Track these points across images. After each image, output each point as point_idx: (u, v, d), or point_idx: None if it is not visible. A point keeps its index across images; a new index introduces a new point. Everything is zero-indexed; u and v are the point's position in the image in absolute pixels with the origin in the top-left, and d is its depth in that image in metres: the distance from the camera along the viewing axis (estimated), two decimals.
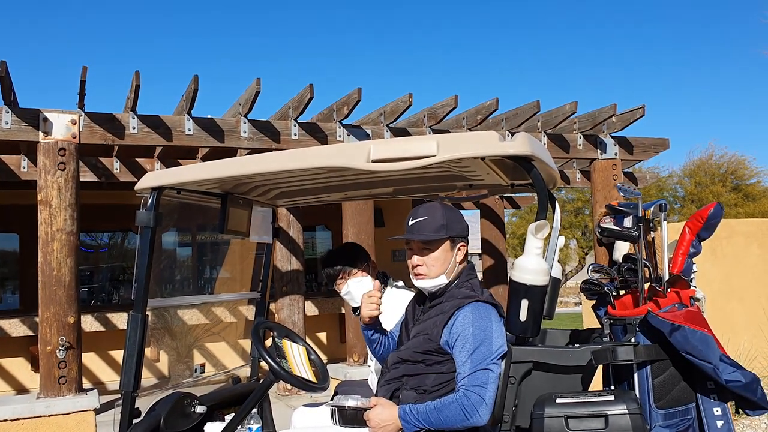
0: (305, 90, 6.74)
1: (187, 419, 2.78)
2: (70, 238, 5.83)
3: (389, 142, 2.46)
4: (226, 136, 6.79)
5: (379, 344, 2.93)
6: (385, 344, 2.93)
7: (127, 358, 2.65)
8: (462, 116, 7.92)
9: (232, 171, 2.66)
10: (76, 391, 5.79)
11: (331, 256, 3.45)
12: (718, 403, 2.49)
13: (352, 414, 2.48)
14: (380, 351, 2.94)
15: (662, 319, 2.44)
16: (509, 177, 2.91)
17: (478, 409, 2.32)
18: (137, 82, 6.09)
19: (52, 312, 5.73)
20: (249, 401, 2.81)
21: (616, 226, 2.89)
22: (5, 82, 5.65)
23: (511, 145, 2.30)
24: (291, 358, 2.92)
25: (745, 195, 22.85)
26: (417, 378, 2.53)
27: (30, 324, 8.26)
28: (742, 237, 7.87)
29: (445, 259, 2.58)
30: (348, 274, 3.36)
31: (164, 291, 10.22)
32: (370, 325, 2.88)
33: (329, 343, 10.43)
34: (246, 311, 9.52)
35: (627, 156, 8.72)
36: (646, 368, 2.48)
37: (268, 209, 3.46)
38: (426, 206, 2.63)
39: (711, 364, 2.37)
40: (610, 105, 8.03)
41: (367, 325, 2.87)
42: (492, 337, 2.42)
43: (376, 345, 2.93)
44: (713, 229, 2.86)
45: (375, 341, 2.92)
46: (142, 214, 2.73)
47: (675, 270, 2.79)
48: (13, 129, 5.87)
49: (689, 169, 24.36)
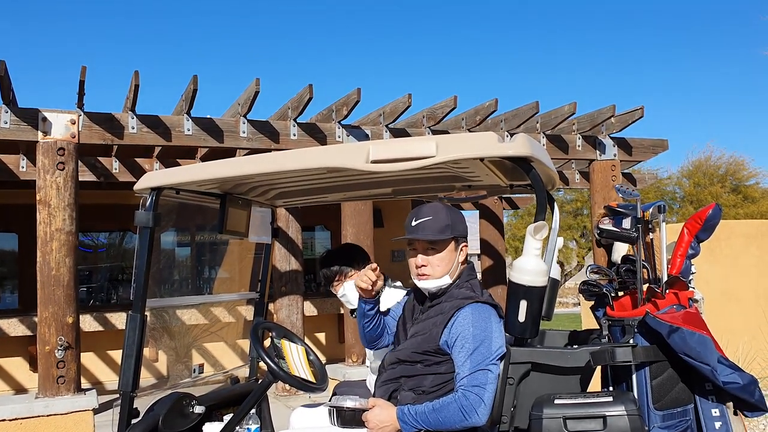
0: (304, 90, 6.74)
1: (185, 419, 2.78)
2: (69, 237, 5.83)
3: (388, 142, 2.46)
4: (225, 137, 6.79)
5: (371, 321, 2.86)
6: (377, 323, 2.87)
7: (125, 358, 2.65)
8: (461, 117, 7.92)
9: (231, 171, 2.66)
10: (75, 391, 5.79)
11: (329, 256, 3.41)
12: (716, 405, 2.49)
13: (351, 415, 2.48)
14: (369, 328, 2.87)
15: (660, 321, 2.44)
16: (508, 178, 2.91)
17: (477, 409, 2.32)
18: (136, 82, 6.09)
19: (50, 312, 5.73)
20: (247, 401, 2.81)
21: (615, 228, 2.89)
22: (4, 81, 5.64)
23: (510, 146, 2.31)
24: (289, 359, 2.92)
25: (744, 196, 22.86)
26: (415, 379, 2.53)
27: (29, 324, 8.25)
28: (741, 238, 7.88)
29: (449, 259, 2.58)
30: (345, 275, 3.31)
31: (163, 291, 10.22)
32: (369, 300, 2.82)
33: (328, 344, 10.42)
34: (245, 311, 9.52)
35: (626, 157, 8.72)
36: (644, 369, 2.49)
37: (267, 209, 3.46)
38: (429, 206, 2.61)
39: (709, 366, 2.38)
40: (609, 106, 8.03)
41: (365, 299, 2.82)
42: (491, 338, 2.42)
43: (368, 321, 2.86)
44: (712, 231, 2.87)
45: (369, 317, 2.85)
46: (141, 215, 2.73)
47: (673, 271, 2.80)
48: (12, 128, 5.87)
49: (688, 170, 24.39)
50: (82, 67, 5.78)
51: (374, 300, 2.85)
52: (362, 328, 2.91)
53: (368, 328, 2.89)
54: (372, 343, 2.94)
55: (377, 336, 2.91)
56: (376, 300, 2.86)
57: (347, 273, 3.31)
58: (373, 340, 2.93)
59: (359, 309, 2.87)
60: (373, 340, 2.92)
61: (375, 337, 2.91)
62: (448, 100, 7.37)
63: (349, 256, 3.36)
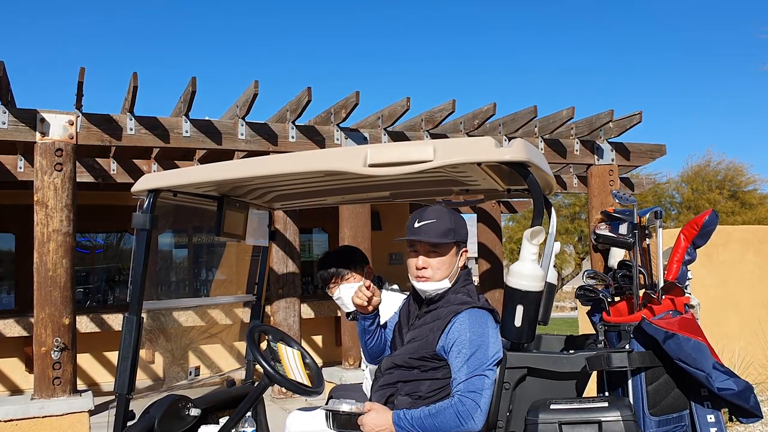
0: (303, 93, 6.75)
1: (181, 422, 2.77)
2: (66, 239, 5.82)
3: (386, 146, 2.47)
4: (223, 138, 6.79)
5: (373, 337, 2.81)
6: (378, 338, 2.82)
7: (121, 361, 2.65)
8: (459, 121, 7.93)
9: (229, 174, 2.65)
10: (71, 392, 5.79)
11: (326, 258, 3.39)
12: (711, 411, 2.50)
13: (347, 418, 2.48)
14: (372, 345, 2.82)
15: (656, 327, 2.44)
16: (506, 182, 2.92)
17: (473, 415, 2.32)
18: (135, 83, 6.10)
19: (47, 313, 5.72)
20: (243, 404, 2.81)
21: (612, 233, 2.89)
22: (3, 82, 5.64)
23: (508, 151, 2.31)
24: (286, 362, 2.91)
25: (742, 203, 22.87)
26: (412, 384, 2.52)
27: (25, 324, 8.24)
28: (738, 244, 7.90)
29: (450, 263, 2.57)
30: (341, 278, 3.29)
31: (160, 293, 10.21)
32: (367, 315, 2.76)
33: (324, 347, 10.42)
34: (241, 314, 9.52)
35: (624, 162, 8.75)
36: (640, 375, 2.49)
37: (264, 212, 3.46)
38: (433, 209, 2.60)
39: (704, 372, 2.38)
40: (607, 111, 8.06)
41: (363, 315, 2.76)
42: (488, 344, 2.42)
43: (369, 337, 2.81)
44: (708, 237, 2.87)
45: (370, 333, 2.80)
46: (138, 216, 2.73)
47: (670, 277, 2.80)
48: (10, 129, 5.87)
49: (686, 176, 24.41)
50: (80, 68, 5.79)
51: (373, 315, 2.78)
52: (364, 345, 2.85)
53: (371, 345, 2.83)
54: (375, 360, 2.85)
55: (380, 351, 2.84)
56: (375, 315, 2.78)
57: (344, 275, 3.29)
58: (377, 356, 2.85)
59: (359, 326, 2.81)
60: (377, 355, 2.85)
61: (378, 353, 2.84)
62: (446, 103, 7.39)
63: (346, 259, 3.35)
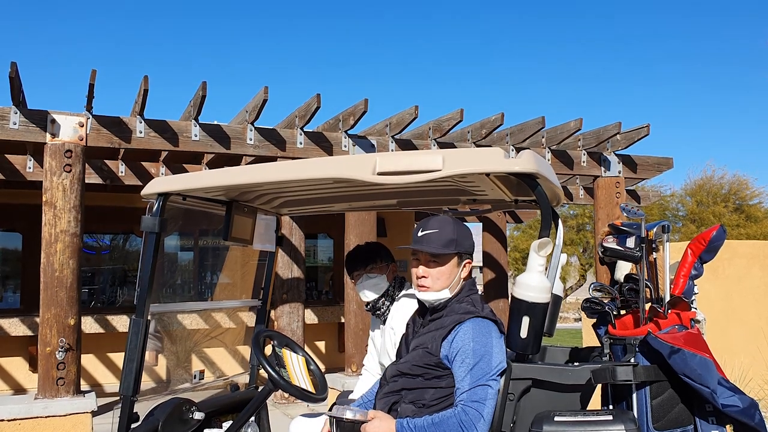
0: (312, 99, 6.77)
1: (185, 425, 2.78)
2: (74, 239, 5.85)
3: (395, 155, 2.48)
4: (232, 143, 6.81)
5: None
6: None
7: (127, 363, 2.66)
8: (467, 130, 7.94)
9: (240, 179, 2.67)
10: (74, 393, 5.79)
11: (354, 251, 3.59)
12: (716, 427, 2.49)
13: (350, 426, 2.48)
14: None
15: (662, 341, 2.44)
16: (513, 193, 2.93)
17: (476, 424, 2.32)
18: (145, 86, 6.13)
19: (52, 313, 5.74)
20: (247, 409, 2.82)
21: (619, 246, 2.89)
22: (15, 83, 5.68)
23: (517, 162, 2.32)
24: (290, 368, 2.92)
25: (747, 216, 22.78)
26: (416, 392, 2.53)
27: (30, 324, 8.27)
28: (743, 259, 7.87)
29: (450, 273, 2.58)
30: (364, 269, 3.47)
31: (166, 296, 10.23)
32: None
33: (328, 352, 10.41)
34: (246, 318, 9.52)
35: (630, 174, 8.74)
36: (644, 389, 2.48)
37: (272, 217, 3.47)
38: (437, 218, 2.62)
39: (708, 389, 2.38)
40: (615, 123, 8.05)
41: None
42: (492, 353, 2.42)
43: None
44: (715, 252, 2.87)
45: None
46: (147, 220, 2.74)
47: (676, 291, 2.80)
48: (21, 130, 5.91)
49: (690, 189, 24.33)
50: (92, 70, 5.82)
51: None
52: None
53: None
54: None
55: None
56: None
57: (367, 267, 3.47)
58: None
59: None
60: None
61: None
62: (454, 112, 7.39)
63: (372, 253, 3.54)
